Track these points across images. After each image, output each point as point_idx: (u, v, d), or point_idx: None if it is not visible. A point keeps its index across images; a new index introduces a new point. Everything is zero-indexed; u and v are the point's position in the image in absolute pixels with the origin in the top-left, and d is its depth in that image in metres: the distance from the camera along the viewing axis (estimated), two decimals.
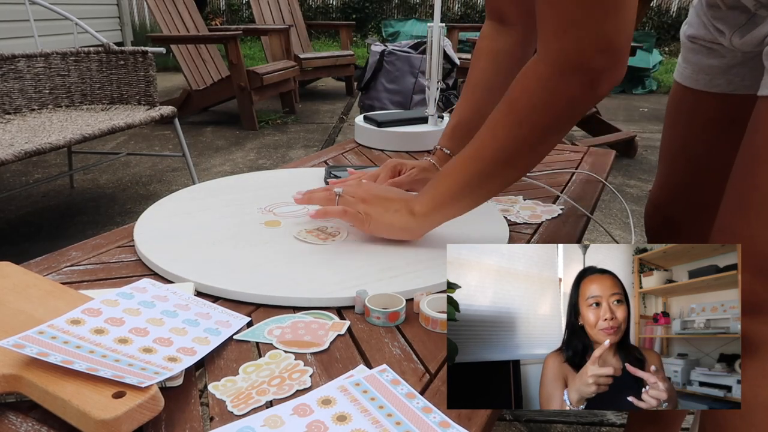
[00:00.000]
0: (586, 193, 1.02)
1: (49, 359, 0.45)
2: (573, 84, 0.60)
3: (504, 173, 0.68)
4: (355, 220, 0.74)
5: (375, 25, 9.28)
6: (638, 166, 3.26)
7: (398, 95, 3.43)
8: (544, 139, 0.65)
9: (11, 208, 2.57)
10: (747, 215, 0.61)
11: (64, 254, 0.74)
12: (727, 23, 0.76)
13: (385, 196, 0.75)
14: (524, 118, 0.63)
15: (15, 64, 2.27)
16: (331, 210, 0.75)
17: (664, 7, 8.67)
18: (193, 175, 2.59)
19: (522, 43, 0.88)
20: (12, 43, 3.83)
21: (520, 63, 0.88)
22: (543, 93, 0.62)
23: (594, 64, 0.58)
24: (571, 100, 0.61)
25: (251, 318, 0.60)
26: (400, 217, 0.73)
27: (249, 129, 3.99)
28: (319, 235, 0.76)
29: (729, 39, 0.76)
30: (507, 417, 1.29)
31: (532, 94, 0.62)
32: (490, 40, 0.89)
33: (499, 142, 0.66)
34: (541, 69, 0.61)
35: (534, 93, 0.62)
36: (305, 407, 0.46)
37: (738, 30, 0.74)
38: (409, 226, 0.73)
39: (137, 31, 6.70)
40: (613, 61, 0.58)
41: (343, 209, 0.74)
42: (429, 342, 0.57)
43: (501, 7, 0.87)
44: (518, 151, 0.66)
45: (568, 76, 0.59)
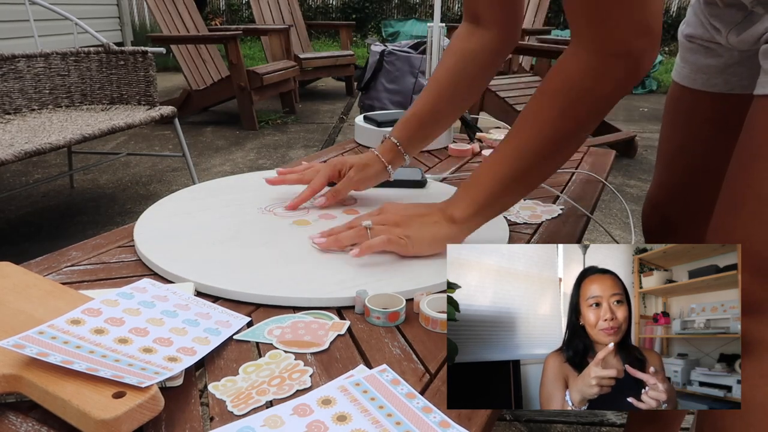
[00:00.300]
0: (586, 193, 1.02)
1: (49, 359, 0.45)
2: (618, 68, 0.60)
3: (547, 166, 0.68)
4: (398, 247, 0.71)
5: (375, 25, 9.28)
6: (638, 166, 3.26)
7: (398, 95, 3.43)
8: (587, 126, 0.65)
9: (11, 208, 2.57)
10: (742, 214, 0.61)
11: (64, 254, 0.74)
12: (724, 21, 0.76)
13: (415, 213, 0.73)
14: (569, 107, 0.63)
15: (15, 64, 2.27)
16: (376, 243, 0.70)
17: (664, 6, 8.67)
18: (193, 175, 2.59)
19: (495, 47, 0.86)
20: (12, 43, 3.83)
21: (490, 66, 0.88)
22: (589, 80, 0.62)
23: (635, 46, 0.59)
24: (617, 84, 0.62)
25: (251, 318, 0.60)
26: (440, 228, 0.70)
27: (249, 129, 3.99)
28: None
29: (725, 37, 0.76)
30: (507, 417, 1.30)
31: (576, 83, 0.62)
32: (461, 40, 0.88)
33: (545, 135, 0.65)
34: (583, 57, 0.61)
35: (580, 81, 0.62)
36: (305, 407, 0.46)
37: (734, 28, 0.74)
38: (453, 233, 0.70)
39: (137, 31, 6.70)
40: (652, 43, 0.60)
41: (387, 239, 0.70)
42: (429, 342, 0.57)
43: (478, 10, 0.86)
44: (564, 142, 0.66)
45: (613, 60, 0.60)
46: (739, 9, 0.72)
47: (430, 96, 0.88)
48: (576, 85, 0.62)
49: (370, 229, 0.72)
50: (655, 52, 0.60)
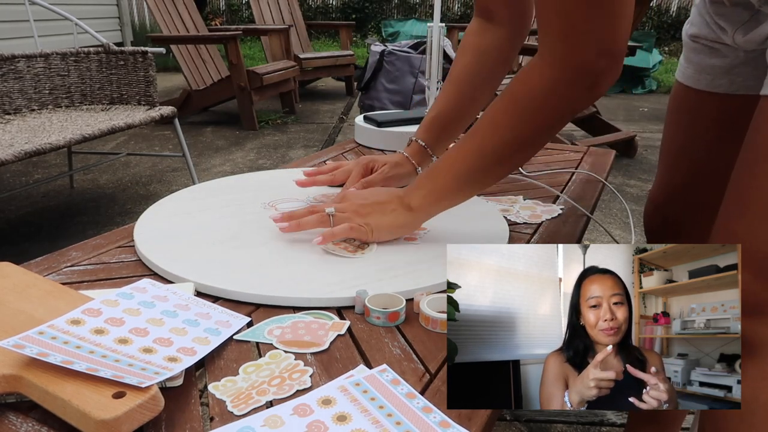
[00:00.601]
0: (586, 193, 1.02)
1: (49, 359, 0.45)
2: (576, 87, 0.62)
3: (501, 168, 0.71)
4: (359, 234, 0.73)
5: (375, 25, 9.28)
6: (638, 165, 3.26)
7: (398, 95, 3.43)
8: (542, 137, 0.68)
9: (11, 208, 2.57)
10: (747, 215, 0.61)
11: (64, 254, 0.74)
12: (730, 20, 0.75)
13: (375, 200, 0.75)
14: (527, 116, 0.65)
15: (15, 64, 2.27)
16: (338, 231, 0.72)
17: (664, 6, 8.68)
18: (193, 175, 2.60)
19: (508, 42, 0.88)
20: (12, 43, 3.83)
21: (505, 61, 0.89)
22: (547, 94, 0.64)
23: (595, 66, 0.61)
24: (573, 102, 0.64)
25: (251, 318, 0.60)
26: (398, 215, 0.73)
27: (249, 129, 3.99)
28: (347, 248, 0.73)
29: (732, 37, 0.76)
30: (507, 417, 1.30)
31: (536, 95, 0.64)
32: (476, 36, 0.89)
33: (501, 139, 0.67)
34: (546, 72, 0.63)
35: (538, 94, 0.64)
36: (305, 407, 0.46)
37: (741, 27, 0.73)
38: (409, 221, 0.74)
39: (137, 31, 6.70)
40: (613, 63, 0.61)
41: (350, 227, 0.72)
42: (429, 342, 0.57)
43: (489, 5, 0.87)
44: (519, 148, 0.68)
45: (571, 78, 0.62)
46: (746, 8, 0.72)
47: (450, 95, 0.90)
48: (536, 95, 0.64)
49: (333, 216, 0.74)
50: (615, 73, 0.62)
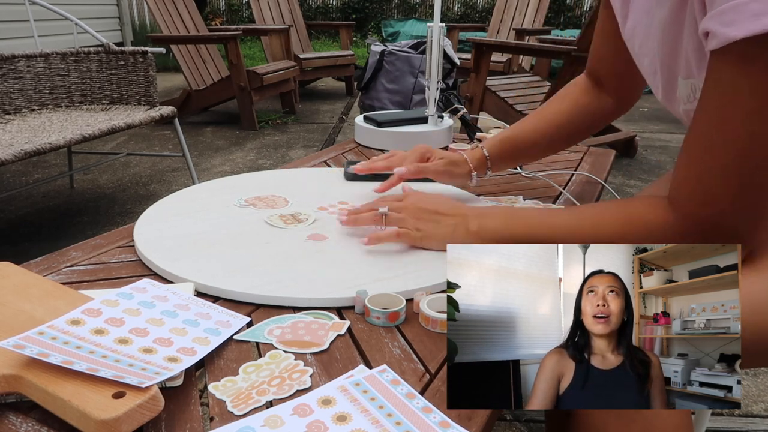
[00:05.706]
0: (586, 193, 1.02)
1: (49, 360, 0.45)
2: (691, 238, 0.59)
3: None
4: (408, 239, 0.73)
5: (375, 25, 9.28)
6: (638, 165, 3.26)
7: (398, 95, 3.43)
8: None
9: (11, 208, 2.57)
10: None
11: (64, 254, 0.74)
12: None
13: (436, 209, 0.74)
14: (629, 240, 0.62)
15: (15, 64, 2.27)
16: (384, 236, 0.73)
17: None
18: (193, 175, 2.60)
19: (608, 112, 0.90)
20: (12, 43, 3.83)
21: (592, 127, 0.92)
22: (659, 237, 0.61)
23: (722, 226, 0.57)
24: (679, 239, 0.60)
25: (251, 318, 0.60)
26: (456, 232, 0.71)
27: (249, 129, 3.99)
28: (287, 220, 0.81)
29: None
30: (507, 417, 1.30)
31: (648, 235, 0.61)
32: (581, 92, 0.91)
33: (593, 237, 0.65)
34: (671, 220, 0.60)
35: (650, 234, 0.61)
36: (305, 407, 0.46)
37: None
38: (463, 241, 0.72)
39: (137, 31, 6.70)
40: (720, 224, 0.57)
41: (396, 232, 0.73)
42: (429, 342, 0.57)
43: (600, 72, 0.89)
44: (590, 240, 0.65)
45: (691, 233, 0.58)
46: None
47: (532, 127, 0.92)
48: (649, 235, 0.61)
49: (386, 216, 0.74)
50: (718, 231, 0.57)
